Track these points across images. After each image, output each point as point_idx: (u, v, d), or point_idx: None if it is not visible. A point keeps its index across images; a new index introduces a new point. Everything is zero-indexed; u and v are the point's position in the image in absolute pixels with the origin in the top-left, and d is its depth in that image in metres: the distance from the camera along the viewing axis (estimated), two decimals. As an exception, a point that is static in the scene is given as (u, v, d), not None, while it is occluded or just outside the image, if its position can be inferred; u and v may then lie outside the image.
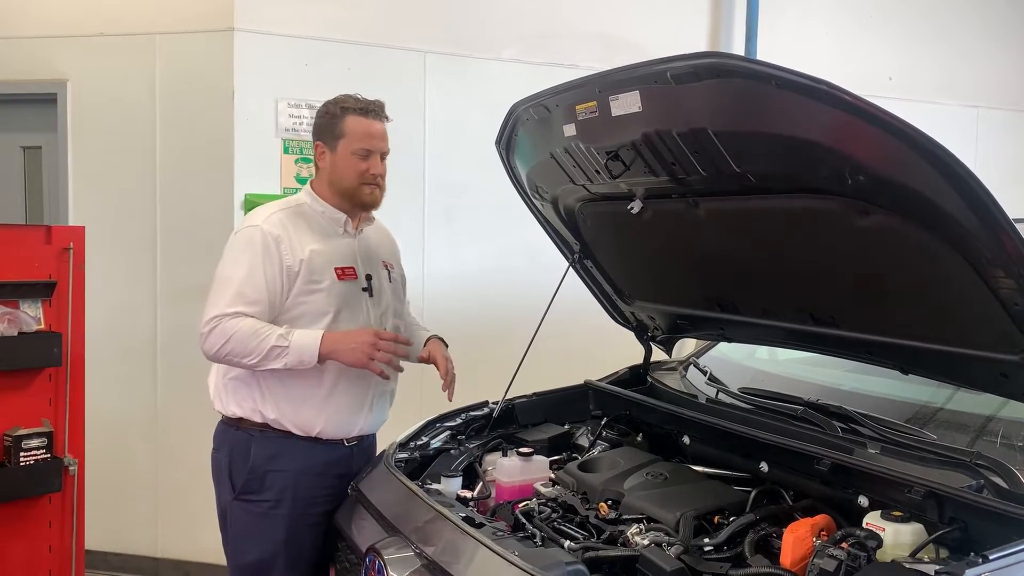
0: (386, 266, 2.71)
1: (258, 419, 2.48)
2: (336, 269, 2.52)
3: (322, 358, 2.39)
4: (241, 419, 2.50)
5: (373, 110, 2.55)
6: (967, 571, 1.48)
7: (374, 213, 2.69)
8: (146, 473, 4.27)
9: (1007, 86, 5.76)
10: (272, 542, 2.48)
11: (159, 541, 4.29)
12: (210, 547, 3.99)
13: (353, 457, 2.59)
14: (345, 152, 2.53)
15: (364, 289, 2.59)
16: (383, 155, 2.58)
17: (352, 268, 2.56)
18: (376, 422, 2.66)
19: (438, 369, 2.68)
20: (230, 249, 2.49)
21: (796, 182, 1.88)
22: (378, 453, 2.61)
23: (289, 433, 2.48)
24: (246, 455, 2.49)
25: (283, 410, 2.46)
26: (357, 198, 2.56)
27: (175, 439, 4.18)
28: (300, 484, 2.49)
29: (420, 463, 2.54)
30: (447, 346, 2.79)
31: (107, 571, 4.25)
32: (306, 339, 2.39)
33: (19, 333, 2.98)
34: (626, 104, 2.00)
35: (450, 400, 2.69)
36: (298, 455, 2.49)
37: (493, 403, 2.79)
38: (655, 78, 1.90)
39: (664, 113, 1.96)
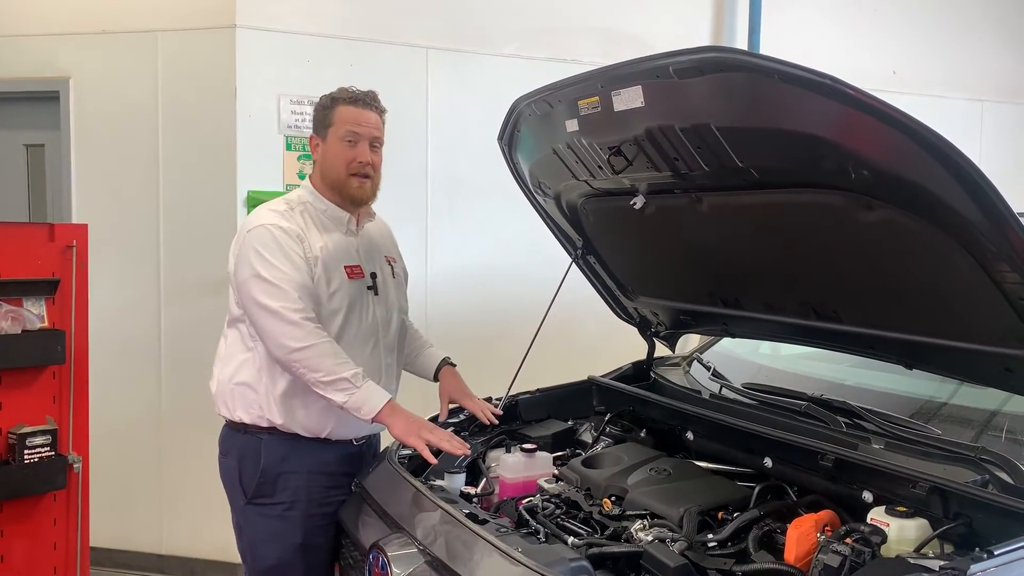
0: (388, 261, 2.69)
1: (264, 424, 2.46)
2: (346, 268, 2.50)
3: (377, 419, 2.35)
4: (248, 424, 2.48)
5: (363, 99, 2.51)
6: (971, 566, 1.48)
7: (373, 207, 2.65)
8: (151, 470, 4.27)
9: (1012, 80, 5.73)
10: (290, 545, 2.46)
11: (164, 538, 4.29)
12: (215, 544, 4.02)
13: (362, 456, 2.59)
14: (334, 140, 2.49)
15: (369, 288, 2.56)
16: (374, 144, 2.52)
17: (359, 267, 2.54)
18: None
19: (472, 411, 2.67)
20: (255, 248, 2.38)
21: (799, 177, 1.88)
22: (382, 450, 2.61)
23: (297, 435, 2.46)
24: (256, 459, 2.46)
25: (292, 414, 2.43)
26: (346, 191, 2.51)
27: (179, 436, 4.18)
28: (313, 484, 2.47)
29: (424, 460, 2.53)
30: (455, 365, 2.79)
31: (112, 568, 4.26)
32: (375, 394, 2.35)
33: (22, 331, 2.98)
34: (629, 99, 1.99)
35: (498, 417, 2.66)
36: (308, 455, 2.47)
37: (497, 399, 2.78)
38: (657, 73, 1.89)
39: (667, 108, 1.95)
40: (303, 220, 2.48)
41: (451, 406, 2.73)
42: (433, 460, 2.36)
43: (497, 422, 2.66)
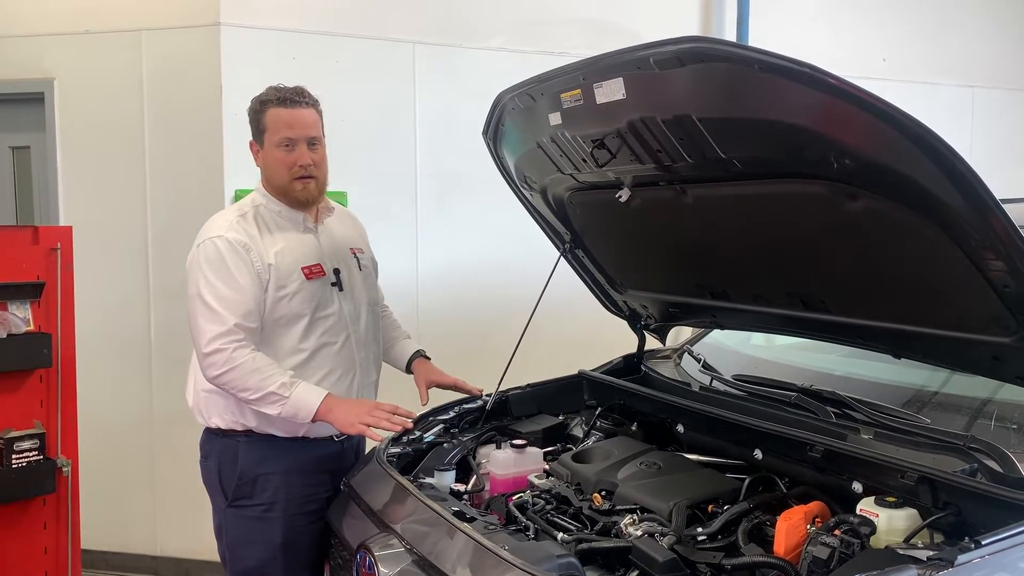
0: (354, 253, 2.64)
1: (240, 427, 2.45)
2: (303, 269, 2.45)
3: (316, 419, 2.34)
4: (224, 429, 2.47)
5: (291, 98, 2.44)
6: (959, 556, 1.48)
7: (346, 203, 2.65)
8: (143, 471, 4.26)
9: (1001, 65, 5.72)
10: (270, 545, 2.46)
11: (158, 539, 4.28)
12: (210, 544, 3.98)
13: (344, 452, 2.58)
14: (271, 146, 2.45)
15: (333, 284, 2.52)
16: (312, 143, 2.46)
17: (319, 265, 2.50)
18: None
19: (458, 389, 2.71)
20: (201, 265, 2.37)
21: (782, 167, 1.86)
22: (370, 448, 2.60)
23: (273, 436, 2.45)
24: (234, 462, 2.46)
25: (265, 416, 2.39)
26: (291, 195, 2.47)
27: (171, 436, 4.16)
28: (291, 484, 2.46)
29: (413, 457, 2.52)
30: (428, 358, 2.79)
31: (107, 570, 4.25)
32: (308, 396, 2.32)
33: (8, 335, 2.97)
34: (610, 91, 1.97)
35: (480, 393, 2.72)
36: (286, 455, 2.46)
37: (487, 395, 2.77)
38: (638, 64, 1.87)
39: (648, 100, 1.94)
40: (256, 226, 2.44)
41: (442, 402, 2.71)
42: (377, 438, 2.37)
43: (482, 391, 2.71)
